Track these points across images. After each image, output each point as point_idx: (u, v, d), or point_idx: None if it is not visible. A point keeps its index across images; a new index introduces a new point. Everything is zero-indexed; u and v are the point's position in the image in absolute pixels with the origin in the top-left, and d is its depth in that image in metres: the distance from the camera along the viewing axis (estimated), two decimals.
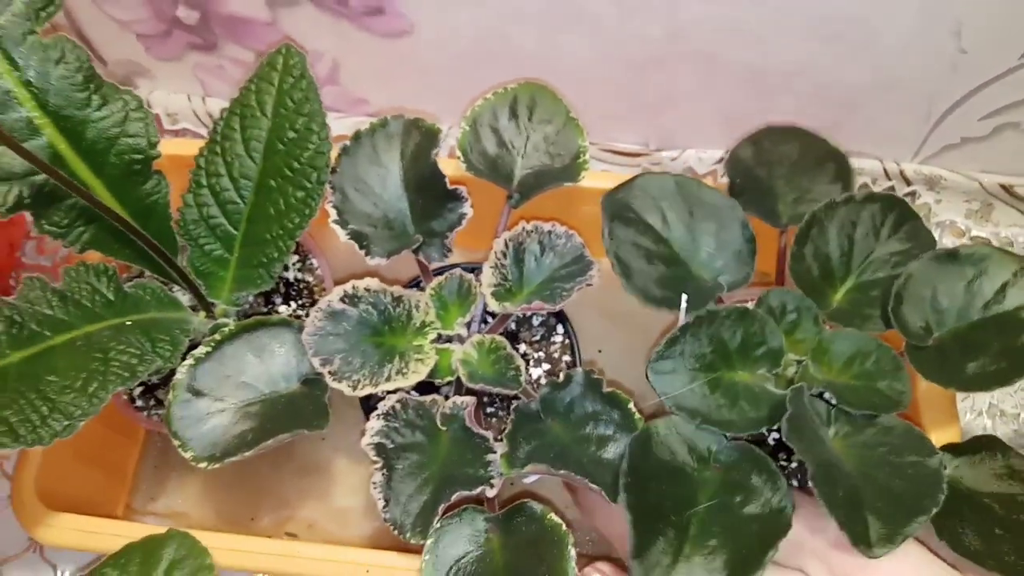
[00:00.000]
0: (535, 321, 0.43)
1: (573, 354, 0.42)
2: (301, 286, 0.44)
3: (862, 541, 0.32)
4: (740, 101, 0.50)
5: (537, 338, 0.43)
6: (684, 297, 0.36)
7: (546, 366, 0.42)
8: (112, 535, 0.37)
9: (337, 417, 0.37)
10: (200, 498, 0.47)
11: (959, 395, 0.49)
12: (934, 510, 0.33)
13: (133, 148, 0.36)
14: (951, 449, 0.38)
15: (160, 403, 0.42)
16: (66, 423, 0.31)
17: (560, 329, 0.43)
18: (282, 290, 0.44)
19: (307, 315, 0.37)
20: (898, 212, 0.39)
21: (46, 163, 0.33)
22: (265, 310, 0.43)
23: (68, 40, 0.34)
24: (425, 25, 0.48)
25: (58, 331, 0.34)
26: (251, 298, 0.42)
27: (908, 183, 0.54)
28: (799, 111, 0.50)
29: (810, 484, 0.32)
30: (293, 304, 0.44)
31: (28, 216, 0.36)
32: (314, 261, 0.45)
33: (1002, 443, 0.38)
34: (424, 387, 0.38)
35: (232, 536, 0.38)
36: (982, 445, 0.38)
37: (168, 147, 0.42)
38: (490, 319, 0.41)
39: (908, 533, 0.32)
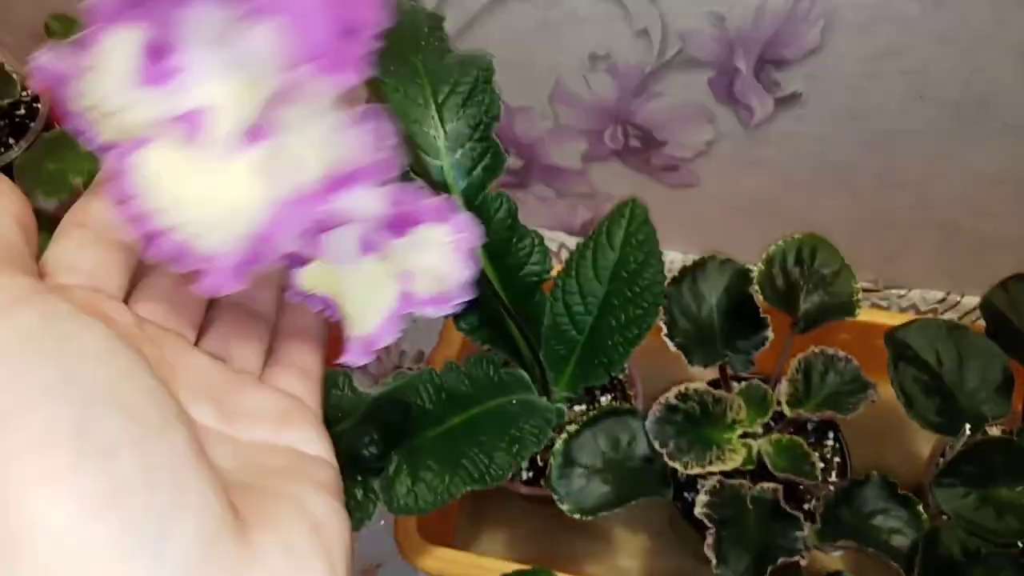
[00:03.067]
0: (809, 426, 0.51)
1: (843, 456, 0.50)
2: (615, 383, 0.54)
3: None
4: (965, 257, 0.59)
5: (811, 440, 0.51)
6: (967, 426, 0.44)
7: (820, 464, 0.50)
8: (484, 570, 0.47)
9: None
10: (506, 548, 0.57)
11: None
12: None
13: (533, 272, 0.47)
14: None
15: None
16: (500, 472, 0.41)
17: (831, 435, 0.51)
18: (599, 385, 0.54)
19: (628, 404, 0.46)
20: None
21: (486, 278, 0.44)
22: (588, 399, 0.53)
23: (506, 195, 0.46)
24: (709, 182, 0.59)
25: (474, 403, 0.45)
26: (581, 390, 0.52)
27: None
28: (1020, 269, 0.57)
29: None
30: (609, 396, 0.53)
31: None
32: (625, 364, 0.55)
33: None
34: (724, 474, 0.47)
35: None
36: None
37: None
38: (773, 423, 0.49)
39: None
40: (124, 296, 0.25)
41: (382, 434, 0.40)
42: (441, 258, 0.27)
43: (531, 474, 0.52)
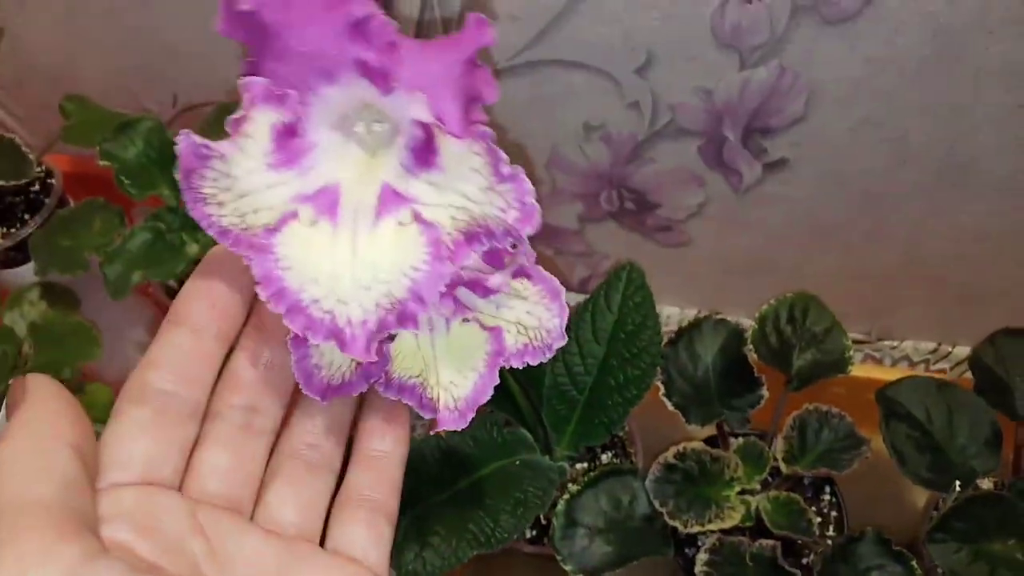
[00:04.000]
0: (805, 481, 0.52)
1: (840, 511, 0.51)
2: (615, 441, 0.55)
3: None
4: (954, 308, 0.60)
5: (808, 495, 0.52)
6: (958, 483, 0.45)
7: (817, 519, 0.51)
8: None
9: None
10: None
11: None
12: None
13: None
14: None
15: None
16: (505, 535, 0.42)
17: (827, 490, 0.52)
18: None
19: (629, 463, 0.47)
20: None
21: None
22: (590, 457, 0.54)
23: None
24: (702, 241, 0.61)
25: (480, 464, 0.46)
26: (582, 448, 0.53)
27: None
28: (1008, 321, 0.59)
29: None
30: (609, 453, 0.54)
31: None
32: (624, 422, 0.56)
33: None
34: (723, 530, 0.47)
35: None
36: None
37: None
38: (770, 479, 0.50)
39: None
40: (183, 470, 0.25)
41: None
42: (533, 310, 0.27)
43: (535, 532, 0.52)
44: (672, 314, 0.67)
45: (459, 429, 0.26)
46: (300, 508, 0.27)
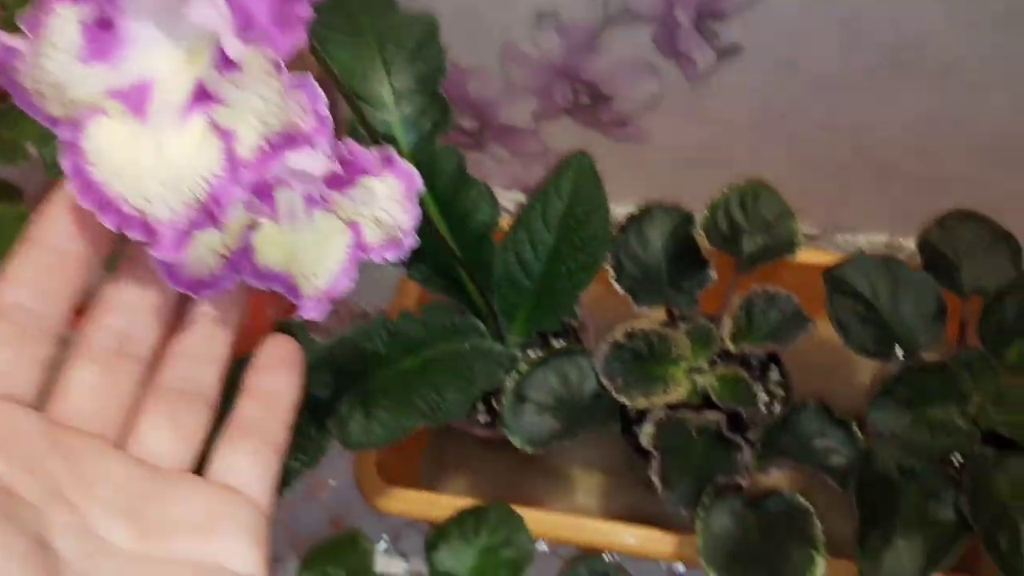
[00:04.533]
0: (753, 361, 0.53)
1: (786, 388, 0.52)
2: (567, 327, 0.55)
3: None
4: (907, 199, 0.60)
5: (756, 374, 0.53)
6: (899, 350, 0.45)
7: (766, 397, 0.52)
8: (440, 507, 0.48)
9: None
10: (468, 491, 0.58)
11: None
12: None
13: (483, 222, 0.48)
14: None
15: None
16: (451, 410, 0.42)
17: (774, 368, 0.52)
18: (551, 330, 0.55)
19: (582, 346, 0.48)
20: None
21: (435, 228, 0.45)
22: (543, 345, 0.54)
23: (453, 148, 0.47)
24: (658, 135, 0.60)
25: (428, 347, 0.46)
26: (534, 335, 0.53)
27: None
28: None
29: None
30: (563, 340, 0.55)
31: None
32: (575, 309, 0.56)
33: None
34: (670, 407, 0.48)
35: (529, 509, 0.47)
36: None
37: None
38: (720, 359, 0.51)
39: None
40: (41, 387, 0.24)
41: (336, 377, 0.41)
42: (387, 207, 0.28)
43: (489, 418, 0.53)
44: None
45: (317, 318, 0.27)
46: (174, 438, 0.26)
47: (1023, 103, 0.52)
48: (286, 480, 0.41)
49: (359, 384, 0.42)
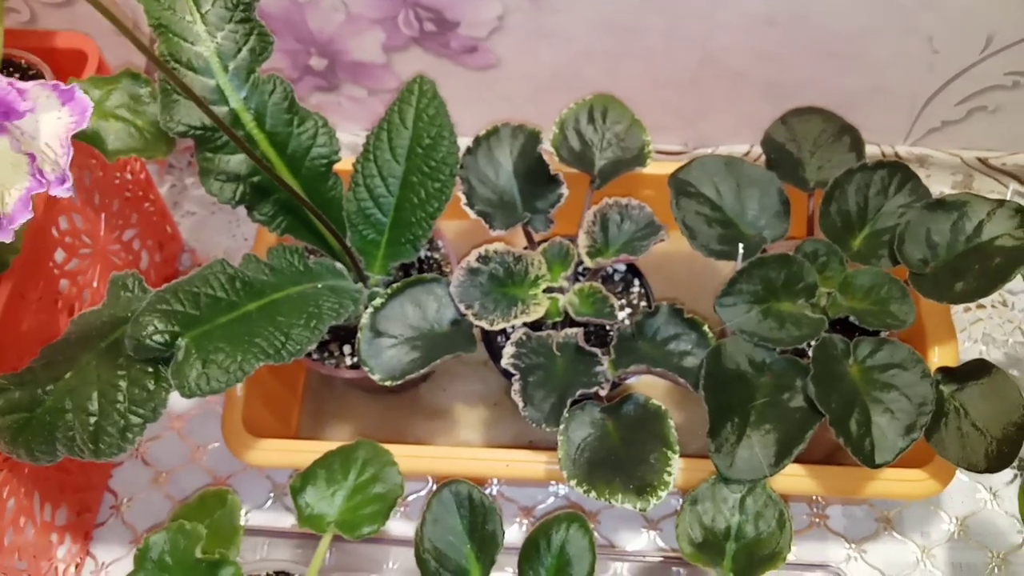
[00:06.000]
0: (616, 277, 0.53)
1: (648, 300, 0.52)
2: (432, 262, 0.54)
3: (864, 455, 0.40)
4: (761, 108, 0.60)
5: (619, 290, 0.52)
6: (741, 247, 0.45)
7: (628, 310, 0.52)
8: (307, 452, 0.46)
9: (452, 374, 0.46)
10: (350, 438, 0.57)
11: (959, 327, 0.57)
12: (923, 426, 0.41)
13: (321, 156, 0.46)
14: (948, 372, 0.46)
15: (330, 355, 0.51)
16: (297, 347, 0.41)
17: (636, 282, 0.52)
18: (417, 265, 0.54)
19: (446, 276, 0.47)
20: (902, 174, 0.48)
21: (265, 166, 0.43)
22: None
23: (278, 77, 0.44)
24: (510, 60, 0.59)
25: (275, 290, 0.44)
26: (395, 271, 0.51)
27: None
28: None
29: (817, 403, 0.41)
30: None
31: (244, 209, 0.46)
32: (439, 243, 0.55)
33: (990, 364, 0.45)
34: (533, 327, 0.47)
35: (400, 445, 0.47)
36: (974, 367, 0.46)
37: None
38: (581, 277, 0.50)
39: (903, 447, 0.41)
40: None
41: (166, 323, 0.39)
42: (49, 141, 0.30)
43: (355, 359, 0.51)
44: None
45: (7, 241, 0.29)
46: None
47: None
48: (129, 436, 0.39)
49: (195, 329, 0.40)
